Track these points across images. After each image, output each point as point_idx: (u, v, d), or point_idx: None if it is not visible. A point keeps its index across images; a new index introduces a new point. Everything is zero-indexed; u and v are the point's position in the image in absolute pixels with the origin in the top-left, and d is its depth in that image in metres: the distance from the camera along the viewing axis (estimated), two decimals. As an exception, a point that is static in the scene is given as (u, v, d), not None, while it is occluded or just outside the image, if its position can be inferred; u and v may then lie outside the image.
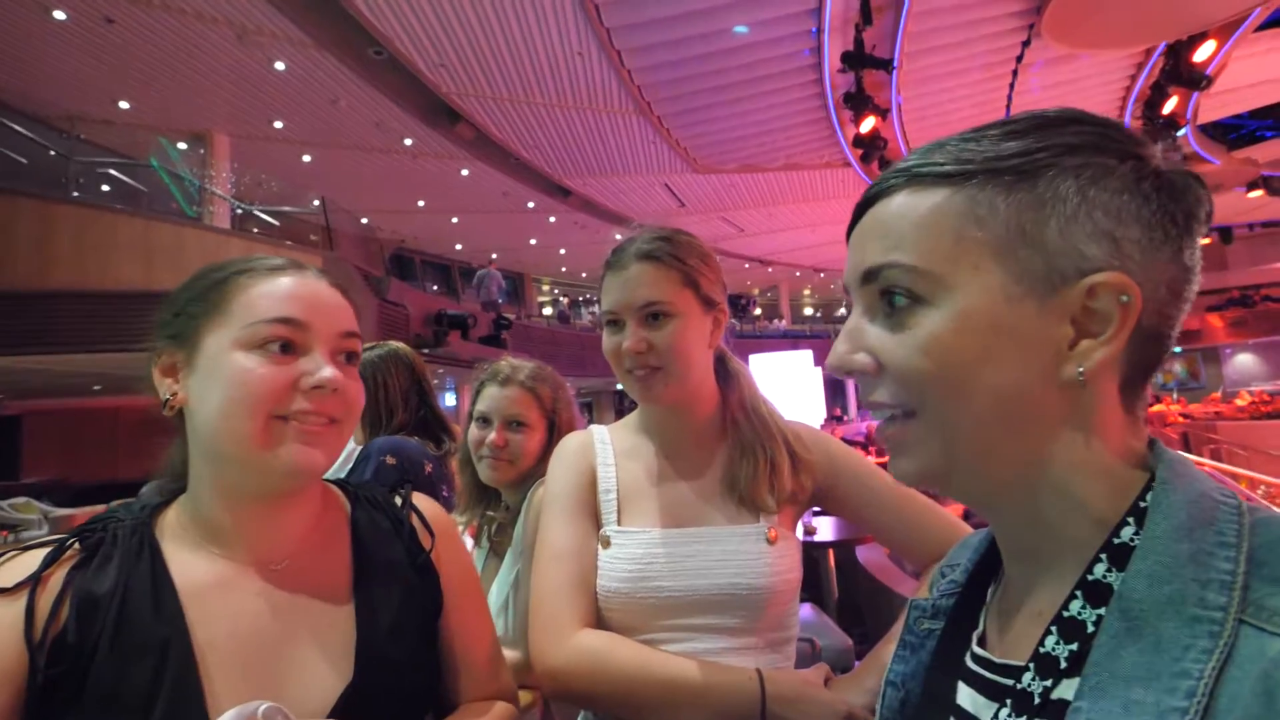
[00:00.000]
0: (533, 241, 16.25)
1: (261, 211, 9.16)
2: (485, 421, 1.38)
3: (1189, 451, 8.80)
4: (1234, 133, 12.75)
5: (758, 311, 22.64)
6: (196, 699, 0.59)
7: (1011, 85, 8.97)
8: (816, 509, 1.04)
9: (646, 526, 0.90)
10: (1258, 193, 14.83)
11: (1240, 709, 0.30)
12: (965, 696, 0.45)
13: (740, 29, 7.37)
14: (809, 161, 11.32)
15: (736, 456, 0.94)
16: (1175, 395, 18.85)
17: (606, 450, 0.98)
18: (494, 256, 15.11)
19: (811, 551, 3.66)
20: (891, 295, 0.42)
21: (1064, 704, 0.37)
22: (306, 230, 10.15)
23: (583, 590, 0.87)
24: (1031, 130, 0.41)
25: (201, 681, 0.59)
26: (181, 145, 9.47)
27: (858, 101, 7.50)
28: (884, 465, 0.56)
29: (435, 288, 16.80)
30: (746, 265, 19.72)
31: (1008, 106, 9.53)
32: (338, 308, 0.70)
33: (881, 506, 0.94)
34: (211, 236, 7.01)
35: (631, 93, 8.55)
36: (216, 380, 0.64)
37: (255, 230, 9.06)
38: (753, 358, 5.21)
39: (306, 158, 10.55)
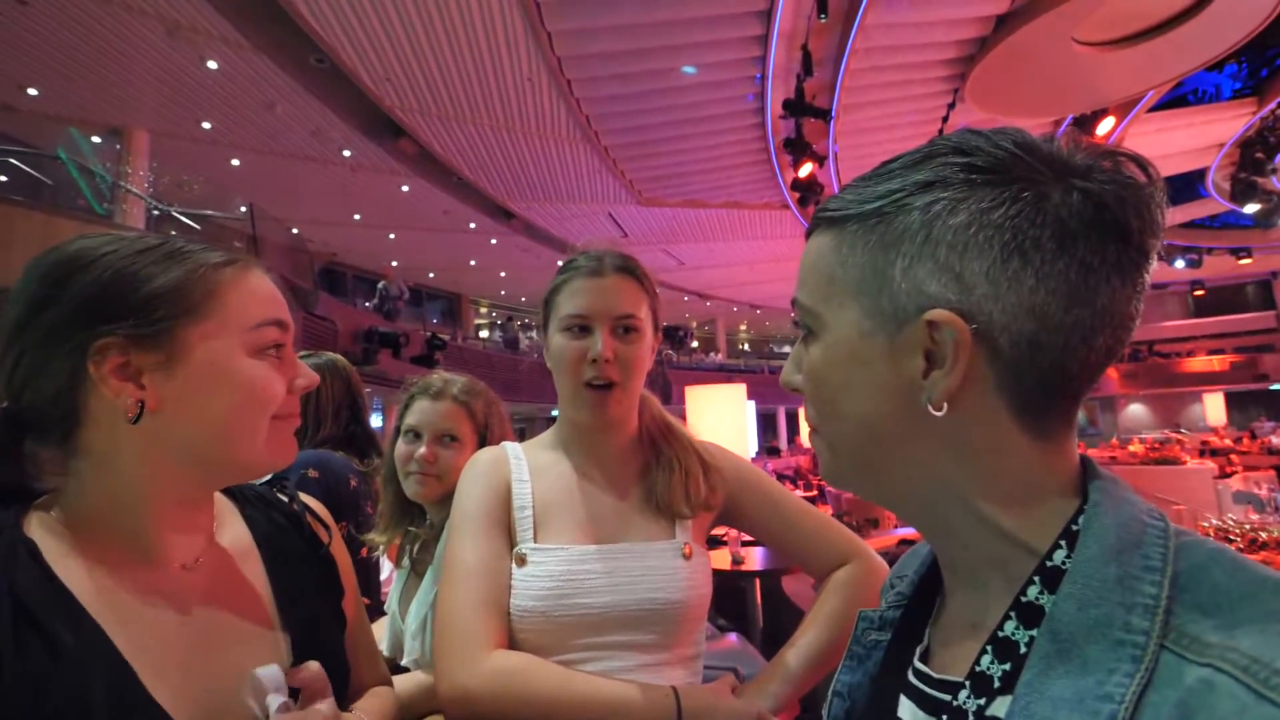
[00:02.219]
0: (473, 262, 16.00)
1: (181, 214, 8.62)
2: (415, 436, 1.33)
3: (1089, 493, 9.34)
4: (1128, 202, 13.98)
5: (695, 344, 22.97)
6: (148, 706, 0.56)
7: (937, 143, 9.59)
8: (745, 539, 1.05)
9: (564, 543, 0.89)
10: (1148, 257, 16.31)
11: None
12: (906, 710, 0.46)
13: (688, 69, 7.60)
14: (750, 201, 11.70)
15: (654, 466, 0.97)
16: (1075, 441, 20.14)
17: (521, 466, 0.96)
18: (394, 263, 14.64)
19: (738, 582, 3.66)
20: (801, 326, 0.48)
21: None
22: (230, 236, 9.62)
23: (494, 610, 0.84)
24: (910, 167, 0.42)
25: (147, 689, 0.56)
26: (95, 139, 8.86)
27: (797, 147, 7.82)
28: (809, 498, 0.59)
29: (367, 304, 16.21)
30: (685, 298, 20.04)
31: (934, 163, 10.18)
32: (287, 304, 0.71)
33: (783, 518, 0.99)
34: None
35: (579, 121, 8.63)
36: (222, 385, 0.62)
37: (173, 233, 8.51)
38: (688, 390, 5.25)
39: (235, 161, 10.07)
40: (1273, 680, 0.29)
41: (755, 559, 3.65)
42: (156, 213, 8.62)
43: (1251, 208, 13.03)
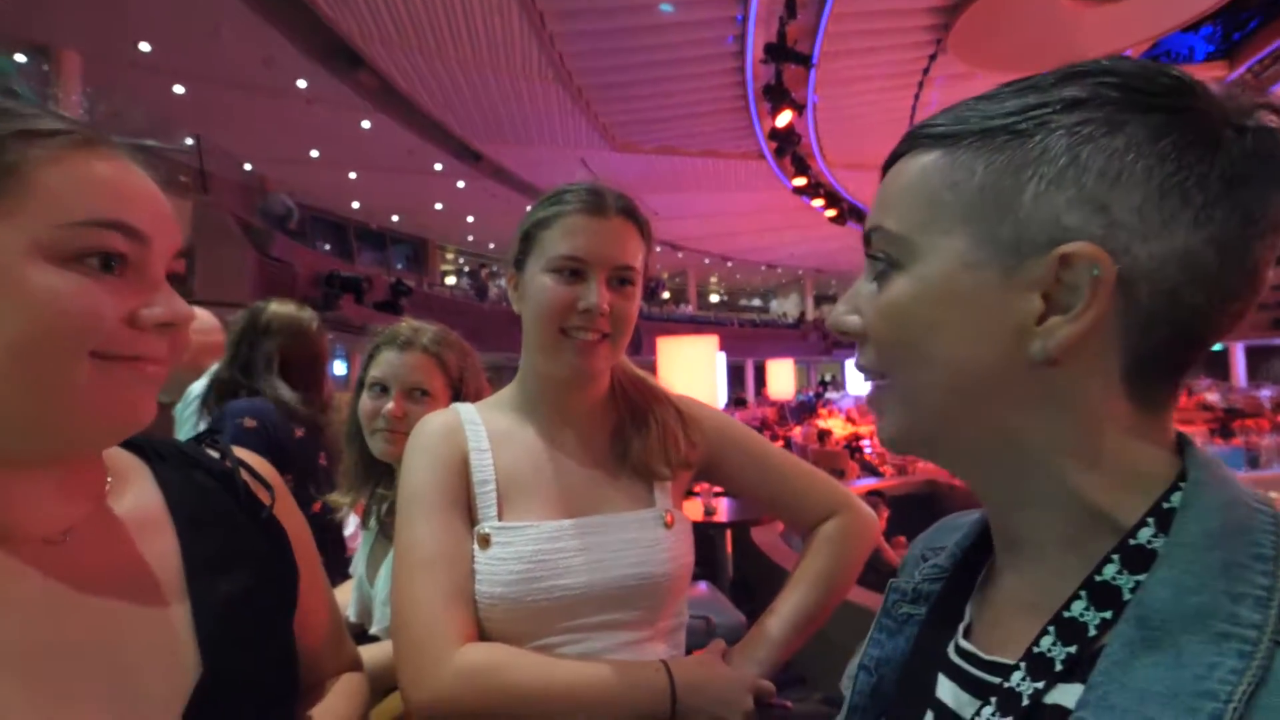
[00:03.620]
0: (438, 206, 15.44)
1: (120, 144, 8.03)
2: (381, 390, 1.23)
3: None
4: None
5: (666, 295, 22.92)
6: None
7: (916, 97, 9.49)
8: (717, 490, 1.00)
9: (533, 520, 0.80)
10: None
11: None
12: (946, 690, 0.43)
13: (666, 7, 7.27)
14: (726, 150, 11.47)
15: (628, 425, 0.88)
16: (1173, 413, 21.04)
17: (479, 433, 0.85)
18: (355, 204, 14.02)
19: (709, 531, 3.74)
20: (874, 259, 0.42)
21: (1057, 709, 0.35)
22: (175, 170, 9.03)
23: (459, 600, 0.75)
24: (1049, 85, 0.37)
25: None
26: (19, 58, 8.09)
27: (776, 94, 7.63)
28: (782, 448, 0.54)
29: (328, 247, 15.59)
30: (658, 249, 19.69)
31: (911, 118, 10.08)
32: (172, 216, 0.54)
33: (765, 472, 0.92)
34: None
35: (552, 58, 8.24)
36: (4, 303, 0.45)
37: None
38: (660, 341, 5.23)
39: (179, 89, 9.36)
40: None
41: (724, 510, 3.73)
42: (93, 142, 8.02)
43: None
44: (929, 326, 0.39)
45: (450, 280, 19.62)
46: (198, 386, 1.90)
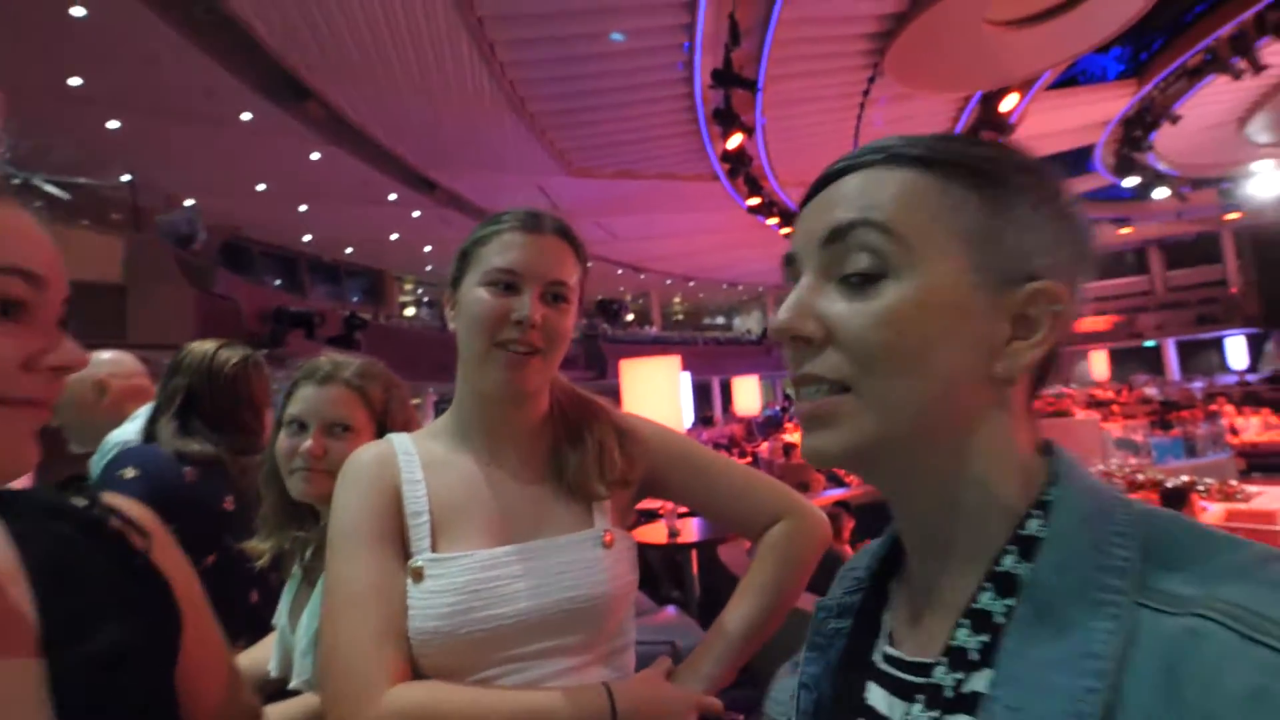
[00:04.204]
0: (394, 237, 15.21)
1: (48, 181, 7.67)
2: (300, 427, 1.17)
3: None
4: (1028, 175, 14.97)
5: (630, 317, 22.98)
6: None
7: (859, 117, 9.86)
8: (681, 510, 0.99)
9: (468, 549, 0.78)
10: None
11: (1146, 686, 0.32)
12: (877, 696, 0.45)
13: (616, 36, 7.41)
14: (682, 172, 11.67)
15: (565, 444, 0.87)
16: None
17: (412, 463, 0.83)
18: (306, 238, 13.77)
19: (675, 555, 3.71)
20: (856, 258, 0.42)
21: (977, 696, 0.37)
22: (108, 207, 8.68)
23: (390, 639, 0.73)
24: (991, 144, 0.44)
25: None
26: (-62, 95, 7.72)
27: (726, 118, 7.82)
28: (750, 464, 0.54)
29: (278, 282, 15.17)
30: (619, 271, 19.92)
31: (855, 135, 10.47)
32: (62, 262, 0.54)
33: (708, 482, 0.92)
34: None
35: (504, 87, 8.28)
36: None
37: (37, 204, 7.56)
38: (623, 363, 5.24)
39: (114, 124, 9.03)
40: (1264, 625, 0.30)
41: (691, 530, 3.71)
42: (16, 181, 7.65)
43: (1130, 181, 14.25)
44: (931, 336, 0.40)
45: (410, 311, 19.29)
46: (117, 434, 1.77)
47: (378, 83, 8.24)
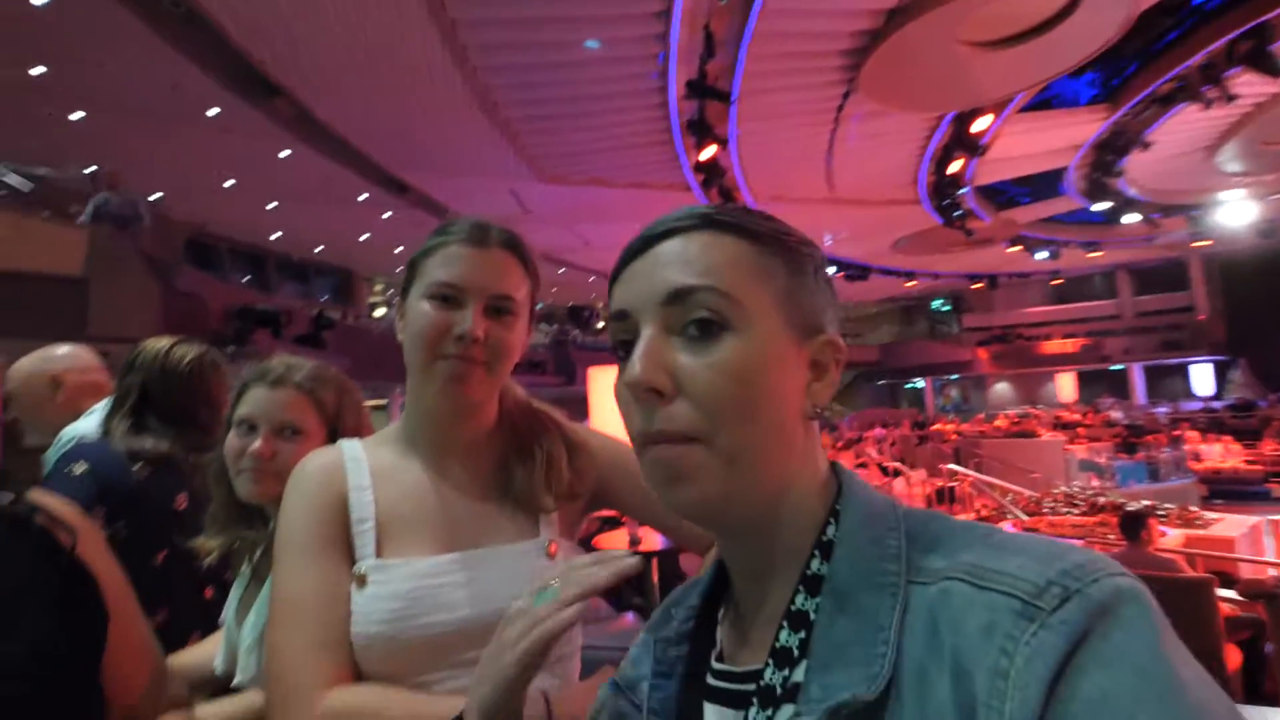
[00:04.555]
0: (365, 237, 15.01)
1: (12, 169, 7.42)
2: (249, 428, 1.16)
3: (959, 464, 10.23)
4: (1001, 195, 15.25)
5: (600, 325, 22.92)
6: None
7: (833, 133, 9.95)
8: (622, 517, 0.97)
9: (412, 556, 0.80)
10: (1017, 248, 17.95)
11: (918, 641, 0.39)
12: (711, 714, 0.49)
13: (591, 43, 7.39)
14: (655, 181, 11.67)
15: (513, 457, 0.89)
16: (951, 416, 22.06)
17: (360, 469, 0.84)
18: (275, 235, 13.54)
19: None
20: (698, 320, 0.46)
21: (797, 686, 0.42)
22: (70, 200, 8.44)
23: (329, 646, 0.75)
24: (776, 220, 0.51)
25: None
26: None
27: (700, 129, 7.85)
28: None
29: (247, 279, 14.87)
30: (591, 278, 19.87)
31: (829, 150, 10.57)
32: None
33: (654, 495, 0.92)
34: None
35: (477, 90, 8.22)
36: None
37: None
38: (591, 370, 5.20)
39: (77, 115, 8.80)
40: (990, 576, 0.39)
41: (653, 539, 3.65)
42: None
43: (1100, 205, 14.57)
44: (767, 386, 0.46)
45: (379, 312, 19.02)
46: (72, 429, 1.77)
47: (347, 82, 8.13)
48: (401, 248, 16.05)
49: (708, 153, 8.21)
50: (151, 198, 10.31)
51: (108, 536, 1.41)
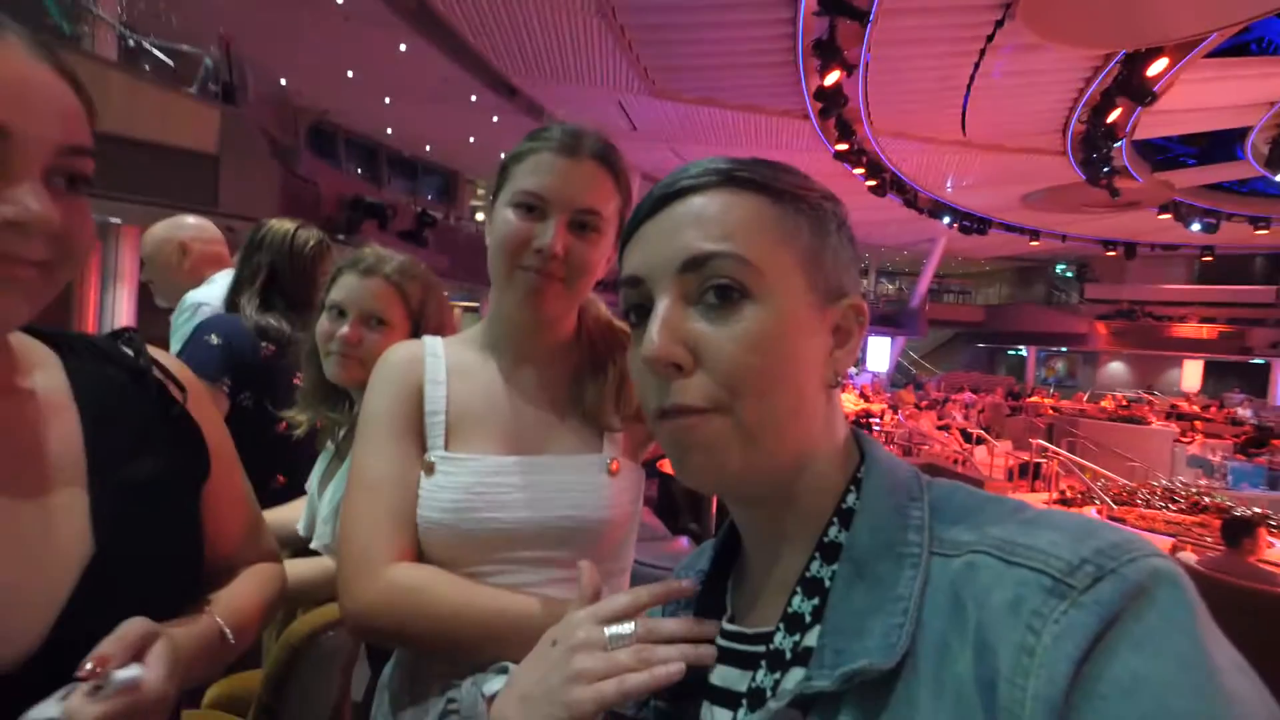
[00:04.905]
0: (471, 139, 15.17)
1: (155, 45, 7.91)
2: (339, 313, 1.22)
3: (1050, 441, 9.62)
4: (1160, 154, 13.40)
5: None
6: None
7: (976, 66, 8.93)
8: None
9: (477, 453, 0.83)
10: (1167, 215, 15.90)
11: (940, 613, 0.39)
12: (717, 675, 0.49)
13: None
14: (768, 106, 11.00)
15: (586, 372, 0.90)
16: (1051, 390, 20.63)
17: (437, 365, 0.88)
18: (389, 130, 13.77)
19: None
20: (716, 288, 0.44)
21: (809, 651, 0.42)
22: (207, 80, 8.92)
23: (399, 522, 0.80)
24: (797, 172, 0.48)
25: None
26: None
27: (827, 51, 7.25)
28: None
29: (359, 171, 15.49)
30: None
31: (968, 86, 9.54)
32: (62, 106, 0.53)
33: None
34: (89, 66, 5.90)
35: (596, -8, 7.87)
36: None
37: (146, 67, 7.84)
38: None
39: (217, -8, 9.16)
40: (1019, 551, 0.38)
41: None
42: (132, 44, 7.91)
43: (1284, 176, 12.56)
44: (788, 355, 0.44)
45: (480, 216, 19.48)
46: (194, 295, 1.92)
47: (469, -26, 7.98)
48: (505, 153, 16.16)
49: (832, 78, 7.60)
50: (281, 81, 10.76)
51: (233, 405, 1.58)
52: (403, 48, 10.23)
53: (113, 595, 0.56)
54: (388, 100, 13.00)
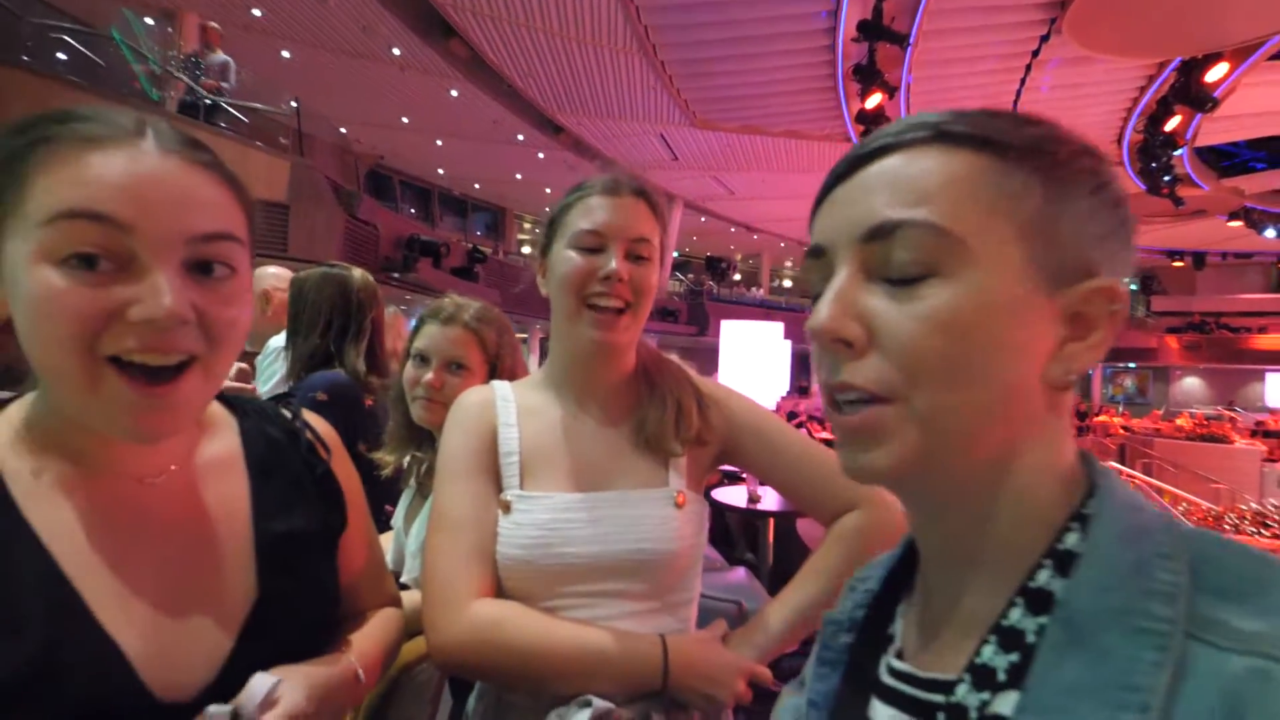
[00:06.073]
0: (518, 176, 15.70)
1: (229, 104, 8.57)
2: (423, 360, 1.32)
3: (1123, 463, 9.14)
4: (1227, 160, 12.83)
5: (737, 276, 22.53)
6: (89, 628, 0.52)
7: (1022, 81, 8.81)
8: (743, 473, 1.02)
9: (551, 490, 0.86)
10: (1238, 223, 15.12)
11: None
12: (883, 715, 0.42)
13: (759, -21, 7.02)
14: (810, 131, 11.05)
15: (646, 401, 0.93)
16: (1121, 408, 19.59)
17: (508, 408, 0.92)
18: (440, 170, 14.42)
19: (754, 520, 3.70)
20: (903, 260, 0.37)
21: (1000, 719, 0.35)
22: (276, 132, 9.57)
23: (479, 560, 0.83)
24: (1043, 122, 0.39)
25: (90, 609, 0.53)
26: (149, 20, 8.73)
27: (867, 75, 7.27)
28: (829, 442, 0.51)
29: (412, 211, 16.19)
30: (732, 229, 19.46)
31: (1015, 102, 9.39)
32: (190, 197, 0.52)
33: (785, 460, 0.94)
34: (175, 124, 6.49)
35: (637, 32, 8.14)
36: (20, 301, 0.49)
37: (222, 125, 8.49)
38: (724, 323, 5.15)
39: (285, 54, 9.87)
40: None
41: (771, 499, 3.69)
42: (209, 103, 8.58)
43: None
44: (986, 343, 0.36)
45: (526, 250, 20.01)
46: (276, 340, 2.05)
47: (517, 23, 8.38)
48: (551, 189, 16.64)
49: (873, 101, 7.60)
50: (341, 130, 11.40)
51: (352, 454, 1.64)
52: (454, 93, 10.76)
53: (275, 634, 0.62)
54: (439, 143, 13.62)
